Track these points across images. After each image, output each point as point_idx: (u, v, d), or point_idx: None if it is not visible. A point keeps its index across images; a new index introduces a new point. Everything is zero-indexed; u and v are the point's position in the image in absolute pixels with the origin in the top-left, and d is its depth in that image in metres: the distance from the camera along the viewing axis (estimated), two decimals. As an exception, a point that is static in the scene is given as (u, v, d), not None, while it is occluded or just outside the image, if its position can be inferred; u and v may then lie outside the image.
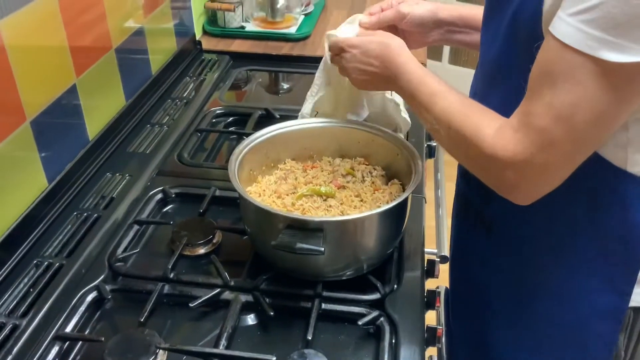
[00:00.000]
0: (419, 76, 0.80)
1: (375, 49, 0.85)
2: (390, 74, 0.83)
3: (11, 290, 0.84)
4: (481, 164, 0.71)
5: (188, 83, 1.43)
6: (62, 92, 1.01)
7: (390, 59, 0.84)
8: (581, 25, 0.59)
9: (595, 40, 0.58)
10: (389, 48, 0.85)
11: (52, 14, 0.97)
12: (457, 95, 0.76)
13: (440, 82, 0.79)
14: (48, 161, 0.97)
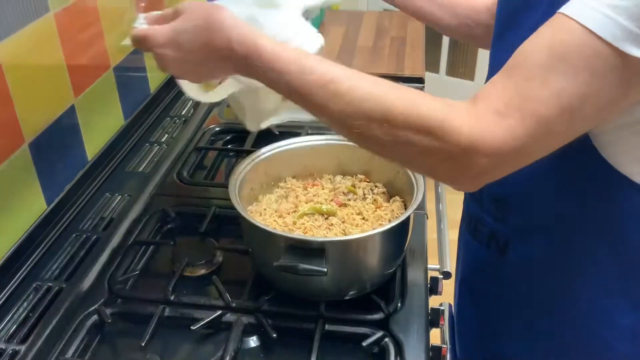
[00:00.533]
0: (293, 57, 0.63)
1: (193, 38, 0.66)
2: (241, 55, 0.64)
3: (10, 315, 0.83)
4: (443, 156, 0.59)
5: (186, 101, 1.43)
6: (60, 113, 1.01)
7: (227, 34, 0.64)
8: (608, 11, 0.55)
9: (620, 29, 0.54)
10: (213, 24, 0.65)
11: (50, 34, 0.97)
12: (367, 77, 0.62)
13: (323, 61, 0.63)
14: (47, 183, 0.97)
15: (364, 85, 0.61)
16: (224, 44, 0.64)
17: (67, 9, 1.00)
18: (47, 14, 0.95)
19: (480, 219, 0.87)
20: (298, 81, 0.62)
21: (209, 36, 0.65)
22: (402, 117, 0.59)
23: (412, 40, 1.71)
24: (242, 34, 0.64)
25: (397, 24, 1.84)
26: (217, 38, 0.65)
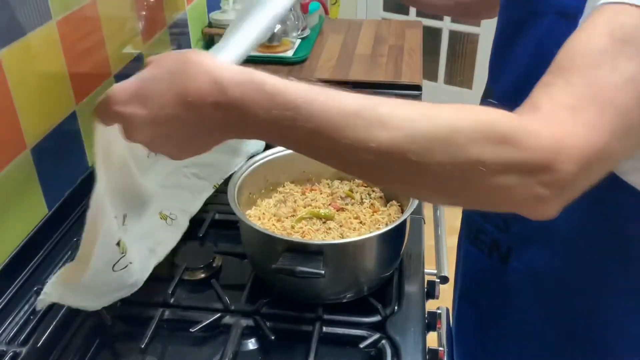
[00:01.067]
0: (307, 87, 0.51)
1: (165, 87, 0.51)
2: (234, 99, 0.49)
3: (12, 318, 0.84)
4: (525, 168, 0.48)
5: (187, 107, 1.44)
6: (62, 119, 1.02)
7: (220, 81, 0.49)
8: None
9: None
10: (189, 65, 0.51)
11: (52, 42, 0.98)
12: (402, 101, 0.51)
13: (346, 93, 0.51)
14: (48, 188, 0.98)
15: (410, 107, 0.50)
16: (207, 88, 0.49)
17: (69, 17, 1.02)
18: (49, 22, 0.96)
19: (481, 227, 0.87)
20: (325, 114, 0.48)
21: (186, 81, 0.49)
22: (469, 130, 0.47)
23: (410, 49, 1.73)
24: (231, 71, 0.50)
25: (395, 32, 1.86)
26: (197, 82, 0.49)
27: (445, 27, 3.24)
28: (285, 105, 0.48)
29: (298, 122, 0.48)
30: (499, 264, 0.84)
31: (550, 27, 0.68)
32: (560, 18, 0.67)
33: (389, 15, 3.32)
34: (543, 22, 0.69)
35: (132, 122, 0.51)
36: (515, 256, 0.82)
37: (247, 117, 0.49)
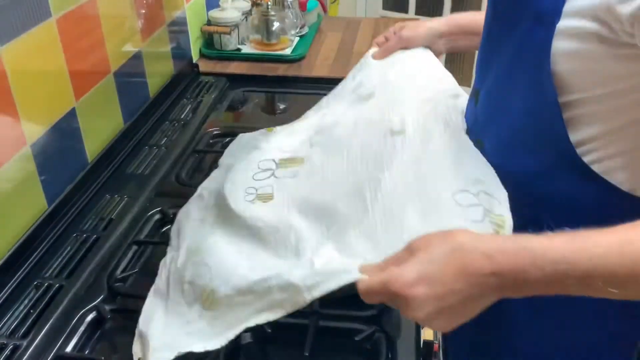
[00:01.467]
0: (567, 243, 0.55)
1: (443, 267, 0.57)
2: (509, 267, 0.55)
3: (12, 312, 0.85)
4: None
5: (185, 105, 1.45)
6: (61, 116, 1.03)
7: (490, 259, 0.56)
8: None
9: None
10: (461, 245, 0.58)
11: (52, 39, 0.99)
12: None
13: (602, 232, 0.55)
14: (48, 184, 0.99)
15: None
16: (482, 261, 0.55)
17: (68, 15, 1.03)
18: (49, 19, 0.97)
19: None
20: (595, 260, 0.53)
21: (463, 260, 0.56)
22: None
23: (408, 46, 1.73)
24: (497, 242, 0.58)
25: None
26: (472, 258, 0.56)
27: (444, 25, 3.25)
28: (556, 261, 0.54)
29: (570, 271, 0.53)
30: None
31: (528, 32, 0.70)
32: (537, 23, 0.69)
33: (389, 14, 3.32)
34: (521, 28, 0.72)
35: (418, 301, 0.57)
36: None
37: (521, 279, 0.55)
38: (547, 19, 0.67)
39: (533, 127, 0.74)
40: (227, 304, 0.72)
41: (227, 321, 0.72)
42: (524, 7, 0.71)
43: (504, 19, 0.76)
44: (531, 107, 0.73)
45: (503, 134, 0.78)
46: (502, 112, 0.78)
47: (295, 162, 0.87)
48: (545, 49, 0.67)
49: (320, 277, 0.66)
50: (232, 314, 0.72)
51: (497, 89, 0.79)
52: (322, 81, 1.56)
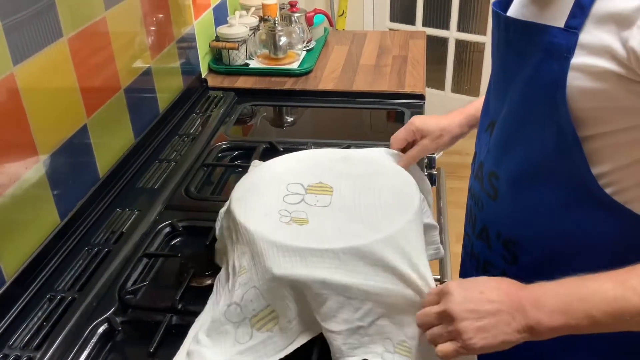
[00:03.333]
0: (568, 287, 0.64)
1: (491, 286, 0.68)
2: (523, 306, 0.64)
3: (26, 324, 0.87)
4: None
5: (195, 119, 1.48)
6: (73, 132, 1.05)
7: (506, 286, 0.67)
8: None
9: None
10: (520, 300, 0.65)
11: (64, 58, 1.02)
12: None
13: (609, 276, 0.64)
14: (60, 198, 1.01)
15: None
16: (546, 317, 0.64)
17: (79, 34, 1.05)
18: (60, 39, 1.00)
19: (489, 260, 0.86)
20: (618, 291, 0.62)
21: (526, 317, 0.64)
22: None
23: (414, 59, 1.75)
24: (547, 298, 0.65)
25: (399, 42, 1.89)
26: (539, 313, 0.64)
27: (451, 36, 3.26)
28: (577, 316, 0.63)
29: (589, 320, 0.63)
30: None
31: (540, 65, 0.69)
32: (549, 57, 0.68)
33: (396, 26, 3.35)
34: (534, 59, 0.70)
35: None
36: None
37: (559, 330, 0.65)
38: (560, 53, 0.67)
39: (551, 160, 0.73)
40: (282, 328, 0.77)
41: (280, 343, 0.77)
42: (536, 38, 0.70)
43: (516, 47, 0.75)
44: (548, 139, 0.72)
45: (518, 166, 0.77)
46: (517, 143, 0.77)
47: (325, 190, 0.89)
48: (561, 85, 0.67)
49: None
50: (285, 335, 0.77)
51: (512, 120, 0.78)
52: (329, 94, 1.58)
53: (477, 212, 0.87)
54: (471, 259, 0.92)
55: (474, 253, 0.91)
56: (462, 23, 3.24)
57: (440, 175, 1.38)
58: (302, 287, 0.75)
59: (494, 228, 0.83)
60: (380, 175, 0.92)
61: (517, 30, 0.75)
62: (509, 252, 0.82)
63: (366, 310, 0.75)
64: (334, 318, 0.75)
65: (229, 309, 0.79)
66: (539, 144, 0.73)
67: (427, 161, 1.31)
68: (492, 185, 0.82)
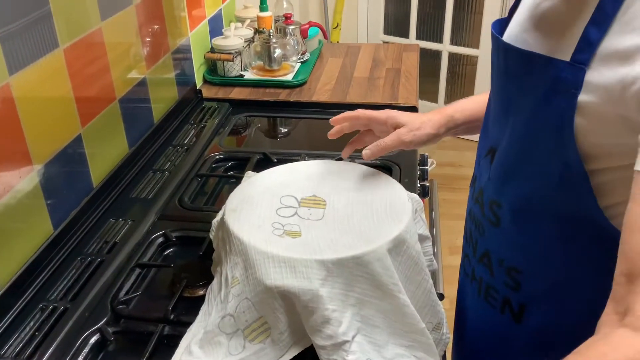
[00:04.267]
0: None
1: None
2: None
3: (18, 333, 0.87)
4: None
5: (189, 130, 1.48)
6: (68, 142, 1.06)
7: None
8: None
9: None
10: None
11: (59, 68, 1.03)
12: None
13: None
14: (54, 208, 1.01)
15: None
16: None
17: (75, 44, 1.06)
18: (56, 49, 1.01)
19: (491, 284, 0.85)
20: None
21: None
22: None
23: (407, 71, 1.77)
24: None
25: (393, 55, 1.91)
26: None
27: (444, 49, 3.29)
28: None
29: None
30: (510, 320, 0.83)
31: (546, 99, 0.68)
32: (555, 92, 0.67)
33: (390, 39, 3.38)
34: (538, 92, 0.69)
35: None
36: (529, 314, 0.80)
37: None
38: (567, 88, 0.65)
39: (557, 193, 0.71)
40: (274, 340, 0.77)
41: (272, 355, 0.77)
42: (539, 70, 0.68)
43: (518, 78, 0.73)
44: (553, 172, 0.70)
45: (523, 197, 0.76)
46: (520, 174, 0.76)
47: (318, 204, 0.90)
48: (568, 121, 0.65)
49: None
50: (277, 347, 0.77)
51: (514, 151, 0.76)
52: (323, 106, 1.59)
53: (477, 237, 0.87)
54: (472, 281, 0.91)
55: (475, 276, 0.90)
56: (455, 36, 3.27)
57: (432, 186, 1.39)
58: (292, 298, 0.75)
59: (496, 255, 0.83)
60: (373, 187, 0.93)
61: (518, 60, 0.73)
62: (512, 279, 0.81)
63: (347, 325, 0.75)
64: (319, 332, 0.75)
65: (223, 320, 0.79)
66: (544, 176, 0.71)
67: (420, 173, 1.32)
68: (494, 212, 0.81)
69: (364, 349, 0.76)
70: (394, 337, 0.79)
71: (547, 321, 0.79)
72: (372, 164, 1.07)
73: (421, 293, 0.84)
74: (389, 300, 0.77)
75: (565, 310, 0.77)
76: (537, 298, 0.79)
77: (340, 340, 0.75)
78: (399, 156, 1.29)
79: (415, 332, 0.79)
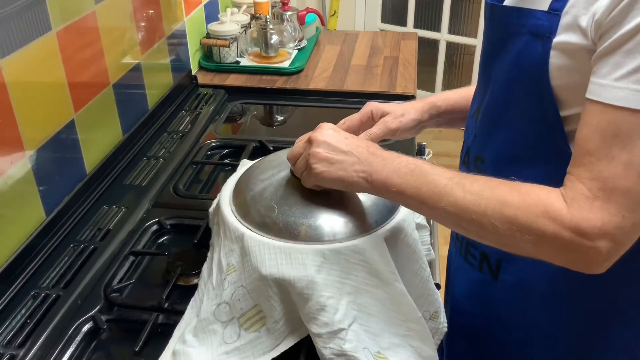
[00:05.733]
0: (418, 164, 0.71)
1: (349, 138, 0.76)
2: (371, 158, 0.73)
3: (9, 321, 0.85)
4: (561, 245, 0.63)
5: (184, 117, 1.46)
6: (60, 127, 1.04)
7: (368, 144, 0.76)
8: (636, 86, 0.59)
9: None
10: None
11: (52, 52, 1.01)
12: (481, 177, 0.69)
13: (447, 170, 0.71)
14: (46, 194, 1.00)
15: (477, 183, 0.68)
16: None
17: (68, 28, 1.04)
18: (49, 32, 0.99)
19: (470, 241, 0.88)
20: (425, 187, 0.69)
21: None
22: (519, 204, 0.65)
23: (405, 60, 1.75)
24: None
25: (391, 43, 1.89)
26: None
27: (442, 38, 3.27)
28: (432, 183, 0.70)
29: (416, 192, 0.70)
30: (489, 277, 0.86)
31: (525, 45, 0.72)
32: (534, 38, 0.71)
33: (387, 27, 3.35)
34: (519, 42, 0.73)
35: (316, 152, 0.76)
36: (504, 269, 0.83)
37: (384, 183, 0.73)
38: (543, 33, 0.69)
39: (533, 140, 0.75)
40: (269, 329, 0.77)
41: (267, 344, 0.77)
42: (521, 21, 0.73)
43: (503, 31, 0.78)
44: (531, 120, 0.74)
45: (502, 148, 0.79)
46: (501, 126, 0.79)
47: None
48: (544, 64, 0.69)
49: None
50: (272, 336, 0.77)
51: (495, 103, 0.80)
52: (320, 94, 1.58)
53: None
54: (455, 242, 0.95)
55: (458, 236, 0.93)
56: (453, 25, 3.25)
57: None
58: (287, 286, 0.75)
59: None
60: None
61: (503, 15, 0.77)
62: None
63: (343, 312, 0.75)
64: (314, 320, 0.74)
65: (219, 307, 0.78)
66: (523, 125, 0.75)
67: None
68: (477, 168, 0.84)
69: (360, 338, 0.75)
70: (390, 326, 0.78)
71: (522, 277, 0.82)
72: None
73: (418, 282, 0.83)
74: (386, 288, 0.77)
75: (538, 265, 0.77)
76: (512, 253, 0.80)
77: (336, 328, 0.74)
78: (397, 145, 1.28)
79: (411, 321, 0.78)
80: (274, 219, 0.80)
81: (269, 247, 0.76)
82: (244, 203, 0.84)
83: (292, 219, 0.79)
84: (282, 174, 0.85)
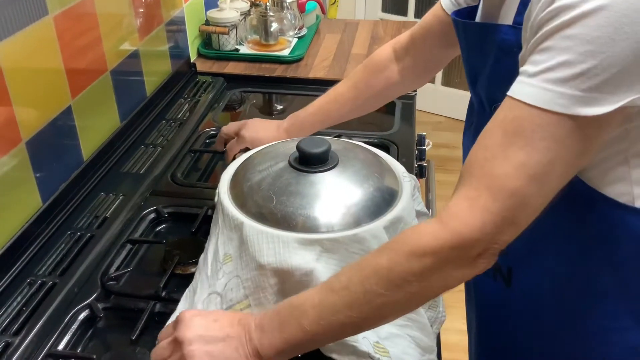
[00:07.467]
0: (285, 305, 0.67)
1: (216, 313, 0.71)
2: (249, 331, 0.67)
3: (4, 308, 0.85)
4: (446, 258, 0.62)
5: (182, 104, 1.45)
6: (57, 114, 1.03)
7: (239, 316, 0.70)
8: (547, 85, 0.58)
9: (564, 98, 0.57)
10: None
11: (49, 37, 0.99)
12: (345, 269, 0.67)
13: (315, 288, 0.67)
14: (43, 181, 0.99)
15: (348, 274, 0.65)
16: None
17: (66, 13, 1.03)
18: (46, 17, 0.97)
19: None
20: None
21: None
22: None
23: (406, 49, 1.74)
24: None
25: (392, 32, 1.87)
26: None
27: (442, 28, 3.25)
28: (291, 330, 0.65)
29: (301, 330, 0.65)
30: (503, 286, 0.85)
31: (497, 61, 0.74)
32: (504, 54, 0.72)
33: (388, 16, 3.33)
34: (491, 58, 0.75)
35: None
36: (516, 277, 0.82)
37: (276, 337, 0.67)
38: (511, 49, 0.69)
39: None
40: None
41: None
42: (491, 37, 0.74)
43: (477, 49, 0.79)
44: None
45: None
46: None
47: None
48: (514, 77, 0.66)
49: None
50: None
51: (481, 121, 0.76)
52: (320, 82, 1.56)
53: None
54: None
55: None
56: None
57: (430, 167, 1.38)
58: (285, 276, 0.74)
59: None
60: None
61: (474, 32, 0.79)
62: None
63: None
64: None
65: (209, 297, 0.77)
66: None
67: (418, 153, 1.30)
68: None
69: None
70: None
71: (533, 283, 0.81)
72: (370, 142, 1.06)
73: None
74: None
75: (548, 271, 0.78)
76: (521, 259, 0.80)
77: None
78: (397, 135, 1.27)
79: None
80: (272, 209, 0.79)
81: (267, 237, 0.75)
82: (241, 193, 0.83)
83: (291, 209, 0.79)
84: (280, 164, 0.85)
